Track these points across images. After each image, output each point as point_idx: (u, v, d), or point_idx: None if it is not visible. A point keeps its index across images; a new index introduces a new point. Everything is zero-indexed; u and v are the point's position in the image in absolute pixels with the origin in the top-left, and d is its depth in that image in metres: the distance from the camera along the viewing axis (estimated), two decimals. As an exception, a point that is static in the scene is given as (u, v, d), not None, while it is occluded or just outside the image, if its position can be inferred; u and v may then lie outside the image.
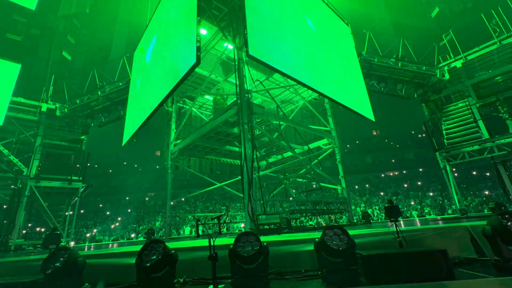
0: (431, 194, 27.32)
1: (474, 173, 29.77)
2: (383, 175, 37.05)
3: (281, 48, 7.44)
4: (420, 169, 34.95)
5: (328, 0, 11.66)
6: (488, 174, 28.02)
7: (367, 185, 33.39)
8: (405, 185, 31.63)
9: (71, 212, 13.36)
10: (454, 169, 12.39)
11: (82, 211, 29.71)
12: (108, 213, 33.21)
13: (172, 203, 12.56)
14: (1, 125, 11.29)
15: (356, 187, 32.98)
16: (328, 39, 10.39)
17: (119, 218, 31.24)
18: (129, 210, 33.53)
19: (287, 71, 7.17)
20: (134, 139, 10.91)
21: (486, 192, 25.25)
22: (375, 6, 30.68)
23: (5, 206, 12.73)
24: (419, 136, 41.37)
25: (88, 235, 26.68)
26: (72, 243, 13.96)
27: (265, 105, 14.44)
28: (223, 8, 9.26)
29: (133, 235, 25.01)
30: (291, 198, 13.83)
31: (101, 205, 35.38)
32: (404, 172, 36.33)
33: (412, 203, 25.77)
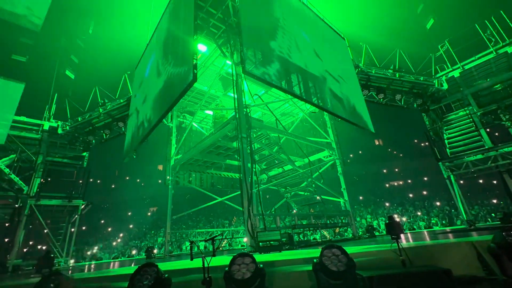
0: (438, 203, 26.72)
1: (481, 181, 29.19)
2: (387, 185, 36.52)
3: (277, 63, 7.53)
4: (425, 178, 34.41)
5: (323, 15, 11.93)
6: (495, 182, 27.45)
7: (371, 196, 32.85)
8: (411, 195, 31.06)
9: (72, 230, 13.20)
10: (459, 178, 12.17)
11: (84, 228, 29.45)
12: (109, 229, 32.83)
13: (174, 217, 12.38)
14: (3, 144, 11.40)
15: (361, 198, 32.44)
16: (324, 52, 10.53)
17: (121, 234, 30.82)
18: (131, 226, 33.14)
19: (284, 85, 7.22)
20: (133, 155, 10.92)
21: (494, 201, 24.63)
22: (370, 19, 31.43)
23: (7, 224, 12.64)
24: (422, 145, 41.04)
25: (88, 252, 26.27)
26: (71, 261, 13.69)
27: (265, 118, 14.52)
28: (221, 26, 9.51)
29: (134, 252, 24.57)
30: (294, 211, 13.60)
31: (102, 221, 35.05)
32: (409, 181, 35.79)
33: (419, 213, 25.18)
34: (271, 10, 8.86)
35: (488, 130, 11.69)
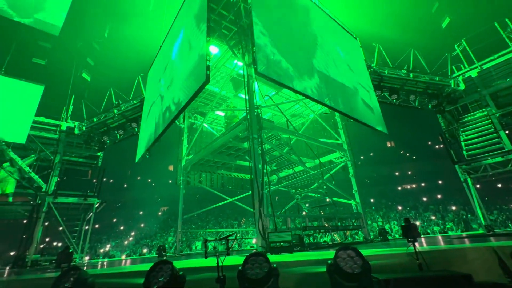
0: (453, 208, 25.86)
1: (499, 185, 28.07)
2: (399, 188, 35.68)
3: (289, 64, 7.52)
4: (440, 181, 33.40)
5: (336, 16, 11.83)
6: (514, 186, 26.36)
7: (383, 199, 32.16)
8: (424, 199, 30.20)
9: (86, 227, 13.58)
10: (476, 181, 11.75)
11: (97, 226, 30.24)
12: (121, 227, 33.56)
13: (185, 217, 12.50)
14: (23, 143, 11.90)
15: (372, 200, 31.81)
16: (337, 53, 10.44)
17: (132, 233, 31.45)
18: (142, 225, 33.78)
19: (296, 86, 7.19)
20: (146, 156, 11.14)
21: (514, 206, 23.62)
22: (384, 18, 30.90)
23: (25, 221, 13.13)
24: (437, 147, 39.89)
25: (102, 250, 26.93)
26: (86, 258, 14.08)
27: (275, 119, 14.49)
28: (232, 28, 9.59)
29: (145, 250, 25.00)
30: (304, 213, 13.48)
31: (115, 220, 35.88)
32: (423, 185, 34.83)
33: (433, 217, 24.43)
34: (282, 9, 8.87)
35: (507, 132, 11.25)
